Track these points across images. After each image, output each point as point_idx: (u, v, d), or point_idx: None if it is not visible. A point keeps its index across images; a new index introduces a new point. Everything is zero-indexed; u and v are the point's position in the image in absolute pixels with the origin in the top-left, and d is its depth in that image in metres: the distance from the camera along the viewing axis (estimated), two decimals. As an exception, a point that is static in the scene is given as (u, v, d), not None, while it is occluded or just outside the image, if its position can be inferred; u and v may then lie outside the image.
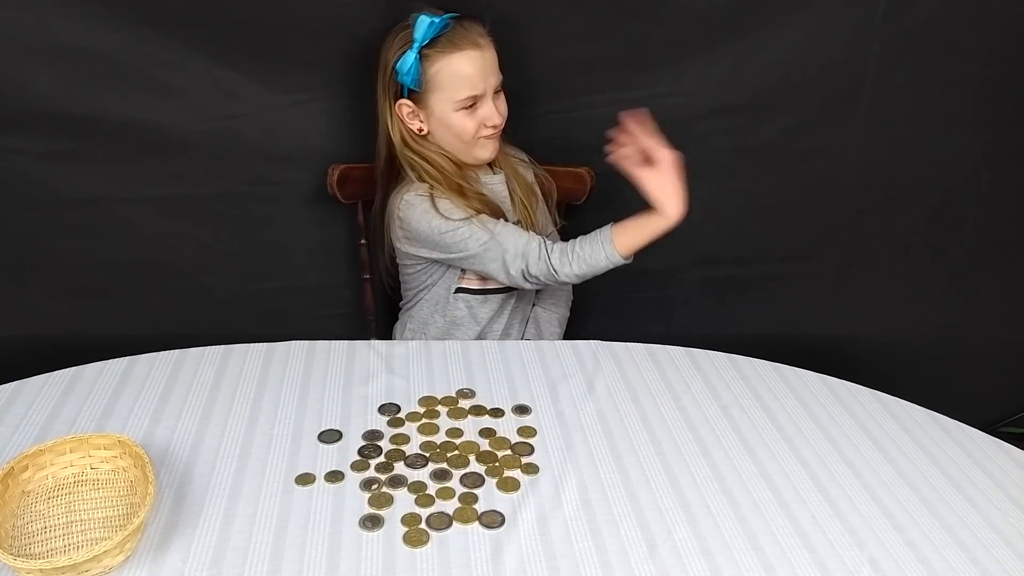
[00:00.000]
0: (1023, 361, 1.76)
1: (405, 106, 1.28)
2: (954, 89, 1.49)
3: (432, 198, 1.30)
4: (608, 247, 1.24)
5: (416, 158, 1.31)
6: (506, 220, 1.33)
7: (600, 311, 1.63)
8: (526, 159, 1.44)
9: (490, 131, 1.30)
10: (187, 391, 1.05)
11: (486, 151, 1.32)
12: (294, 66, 1.37)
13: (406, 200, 1.31)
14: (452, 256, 1.32)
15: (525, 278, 1.29)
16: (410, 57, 1.22)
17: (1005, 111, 1.52)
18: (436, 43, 1.23)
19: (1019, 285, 1.69)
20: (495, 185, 1.38)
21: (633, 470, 0.95)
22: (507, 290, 1.40)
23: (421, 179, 1.31)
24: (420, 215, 1.30)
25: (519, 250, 1.28)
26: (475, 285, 1.39)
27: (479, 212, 1.30)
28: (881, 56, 1.44)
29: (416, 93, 1.27)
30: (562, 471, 0.94)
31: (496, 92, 1.29)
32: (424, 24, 1.21)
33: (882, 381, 1.16)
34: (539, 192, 1.44)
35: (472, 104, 1.27)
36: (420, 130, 1.30)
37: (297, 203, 1.46)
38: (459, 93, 1.25)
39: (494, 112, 1.28)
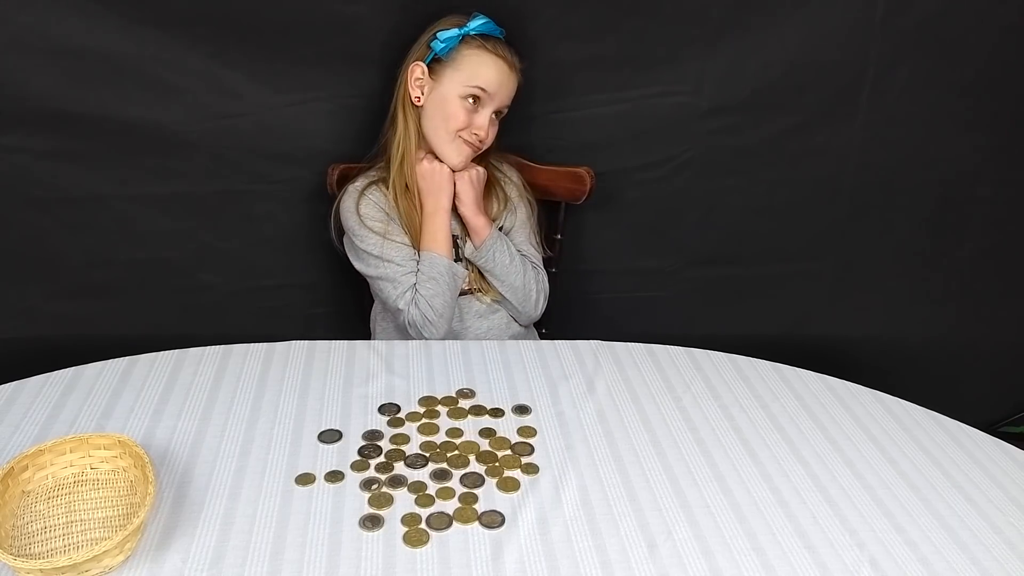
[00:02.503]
0: (1023, 361, 1.77)
1: (418, 68, 1.31)
2: (954, 89, 1.49)
3: (360, 195, 1.34)
4: (434, 257, 1.32)
5: (399, 122, 1.34)
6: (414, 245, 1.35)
7: (600, 311, 1.63)
8: (517, 181, 1.43)
9: (472, 138, 1.32)
10: (187, 391, 1.05)
11: (458, 156, 1.33)
12: (294, 65, 1.37)
13: (345, 190, 1.37)
14: (353, 259, 1.37)
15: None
16: (454, 32, 1.29)
17: (1005, 111, 1.52)
18: (481, 38, 1.29)
19: (1019, 285, 1.69)
20: None
21: (633, 470, 0.95)
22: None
23: (384, 152, 1.37)
24: (346, 208, 1.35)
25: (389, 303, 1.34)
26: None
27: (409, 216, 1.35)
28: (881, 56, 1.44)
29: (436, 64, 1.30)
30: (562, 471, 0.94)
31: (497, 112, 1.34)
32: (481, 20, 1.29)
33: (882, 381, 1.17)
34: (519, 209, 1.43)
35: (475, 100, 1.30)
36: (417, 99, 1.33)
37: (297, 202, 1.46)
38: (472, 80, 1.29)
39: (486, 123, 1.32)
